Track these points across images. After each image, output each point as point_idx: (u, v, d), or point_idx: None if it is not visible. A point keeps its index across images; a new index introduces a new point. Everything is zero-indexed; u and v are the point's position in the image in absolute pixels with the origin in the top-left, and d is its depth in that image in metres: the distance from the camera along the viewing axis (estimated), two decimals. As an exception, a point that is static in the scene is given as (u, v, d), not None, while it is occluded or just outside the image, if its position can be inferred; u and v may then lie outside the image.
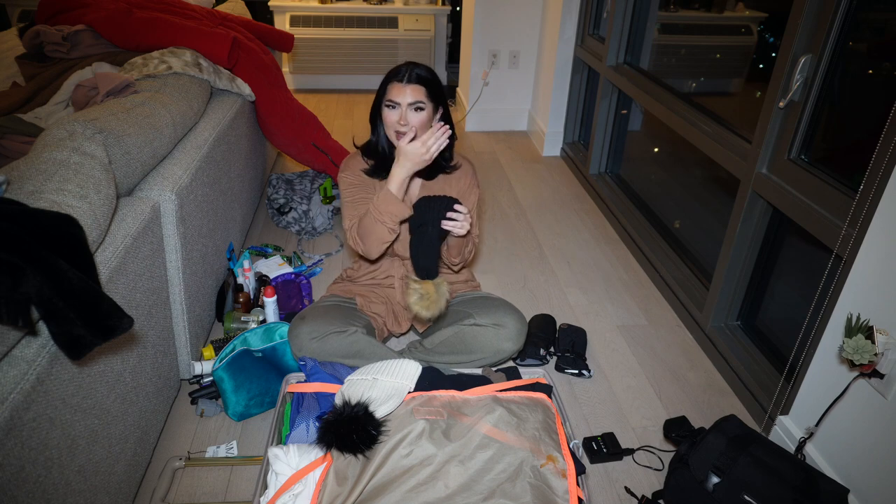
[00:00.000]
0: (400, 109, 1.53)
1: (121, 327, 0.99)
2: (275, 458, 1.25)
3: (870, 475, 1.31)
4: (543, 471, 1.21)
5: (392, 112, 1.55)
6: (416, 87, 1.53)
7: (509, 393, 1.41)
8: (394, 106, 1.54)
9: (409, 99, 1.52)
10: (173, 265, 1.53)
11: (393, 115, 1.55)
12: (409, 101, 1.52)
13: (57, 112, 1.89)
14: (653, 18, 2.74)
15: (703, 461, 1.34)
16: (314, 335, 1.57)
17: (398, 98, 1.53)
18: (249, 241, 2.48)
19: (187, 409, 1.66)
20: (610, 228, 2.75)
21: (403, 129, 1.54)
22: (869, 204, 1.28)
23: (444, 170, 1.71)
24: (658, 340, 2.04)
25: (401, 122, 1.54)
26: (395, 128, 1.55)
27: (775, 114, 1.63)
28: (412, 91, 1.52)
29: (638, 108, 2.94)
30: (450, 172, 1.72)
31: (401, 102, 1.53)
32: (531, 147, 3.68)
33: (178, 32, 2.09)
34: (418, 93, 1.53)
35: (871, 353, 1.20)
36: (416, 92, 1.53)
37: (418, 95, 1.53)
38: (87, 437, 1.10)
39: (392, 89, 1.54)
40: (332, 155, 2.63)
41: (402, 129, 1.54)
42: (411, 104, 1.53)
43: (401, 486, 1.16)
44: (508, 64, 3.69)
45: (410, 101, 1.52)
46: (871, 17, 1.50)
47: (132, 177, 1.42)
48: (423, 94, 1.54)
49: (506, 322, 1.65)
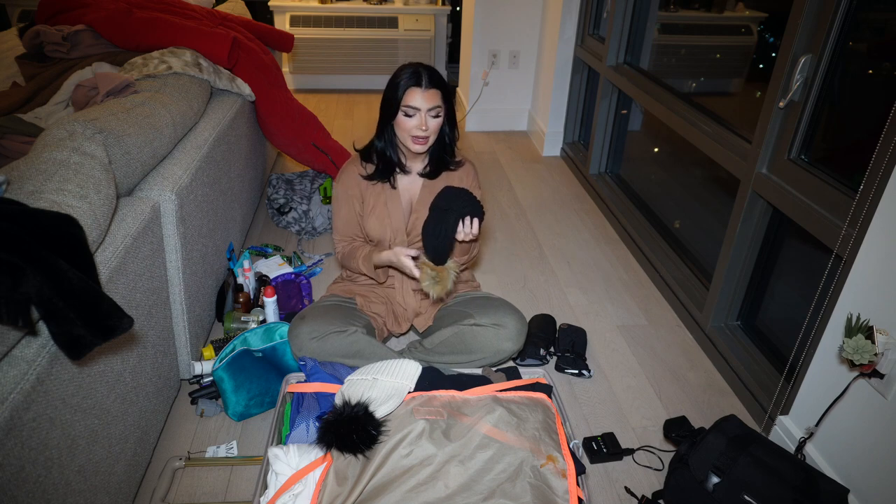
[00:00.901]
0: (420, 115, 1.51)
1: (121, 327, 0.99)
2: (275, 458, 1.25)
3: (870, 475, 1.31)
4: (543, 471, 1.21)
5: (411, 119, 1.52)
6: (434, 92, 1.51)
7: (509, 393, 1.41)
8: (414, 112, 1.51)
9: (428, 105, 1.50)
10: (173, 265, 1.53)
11: (412, 122, 1.52)
12: (429, 106, 1.50)
13: (57, 112, 1.89)
14: (653, 18, 2.74)
15: (703, 461, 1.34)
16: (314, 335, 1.57)
17: (419, 104, 1.50)
18: (249, 241, 2.48)
19: (187, 409, 1.66)
20: (610, 228, 2.75)
21: (424, 135, 1.53)
22: (869, 204, 1.28)
23: (447, 167, 1.70)
24: (658, 340, 2.04)
25: (422, 128, 1.51)
26: (413, 133, 1.53)
27: (775, 114, 1.63)
28: (432, 96, 1.50)
29: (638, 108, 2.94)
30: (454, 169, 1.71)
31: (421, 108, 1.50)
32: (531, 147, 3.68)
33: (178, 32, 2.09)
34: (436, 97, 1.51)
35: (871, 353, 1.20)
36: (435, 97, 1.51)
37: (437, 100, 1.51)
38: (87, 437, 1.10)
39: (412, 95, 1.50)
40: (332, 155, 2.63)
41: (422, 134, 1.53)
42: (430, 109, 1.51)
43: (401, 486, 1.16)
44: (508, 64, 3.69)
45: (430, 107, 1.51)
46: (871, 17, 1.50)
47: (132, 177, 1.42)
48: (440, 99, 1.52)
49: (506, 322, 1.65)
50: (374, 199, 1.68)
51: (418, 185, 1.71)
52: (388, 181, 1.68)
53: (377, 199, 1.68)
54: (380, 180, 1.67)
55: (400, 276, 1.78)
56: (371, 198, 1.68)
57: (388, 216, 1.68)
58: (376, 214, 1.68)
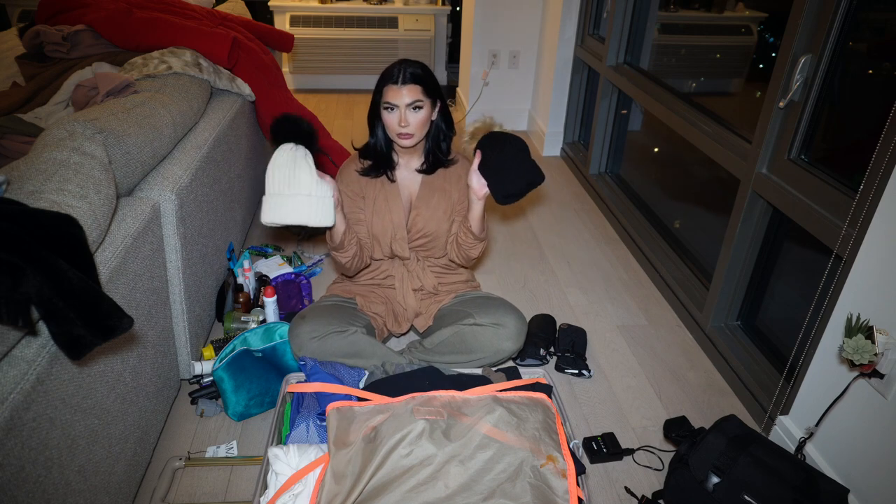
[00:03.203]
0: (399, 111, 1.53)
1: (121, 327, 0.99)
2: (275, 458, 1.25)
3: (870, 475, 1.31)
4: (543, 471, 1.21)
5: (391, 114, 1.54)
6: (412, 87, 1.52)
7: (509, 393, 1.41)
8: (392, 108, 1.53)
9: (406, 100, 1.51)
10: (173, 265, 1.53)
11: (392, 118, 1.54)
12: (407, 101, 1.52)
13: (57, 112, 1.89)
14: (653, 18, 2.74)
15: (703, 461, 1.34)
16: (314, 335, 1.57)
17: (395, 100, 1.52)
18: (249, 241, 2.48)
19: (187, 409, 1.66)
20: (610, 228, 2.75)
21: (405, 130, 1.54)
22: (869, 204, 1.28)
23: (443, 164, 1.71)
24: (658, 340, 2.04)
25: (401, 124, 1.53)
26: (396, 130, 1.55)
27: (775, 114, 1.63)
28: (409, 91, 1.51)
29: (638, 108, 2.94)
30: (448, 167, 1.72)
31: (398, 104, 1.52)
32: (531, 147, 3.68)
33: (178, 32, 2.09)
34: (415, 92, 1.52)
35: (871, 353, 1.20)
36: (413, 91, 1.52)
37: (415, 95, 1.52)
38: (87, 437, 1.10)
39: (388, 92, 1.53)
40: (332, 155, 2.63)
41: (403, 130, 1.54)
42: (409, 104, 1.52)
43: (401, 485, 1.16)
44: (508, 64, 3.69)
45: (408, 102, 1.52)
46: (871, 17, 1.50)
47: (132, 177, 1.42)
48: (420, 93, 1.53)
49: (506, 322, 1.65)
50: (374, 195, 1.69)
51: (417, 181, 1.71)
52: (385, 175, 1.68)
53: (377, 195, 1.69)
54: (375, 175, 1.68)
55: (400, 276, 1.78)
56: (371, 194, 1.69)
57: (388, 212, 1.69)
58: (377, 210, 1.69)
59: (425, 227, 1.70)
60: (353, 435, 1.27)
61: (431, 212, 1.70)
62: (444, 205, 1.71)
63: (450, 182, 1.72)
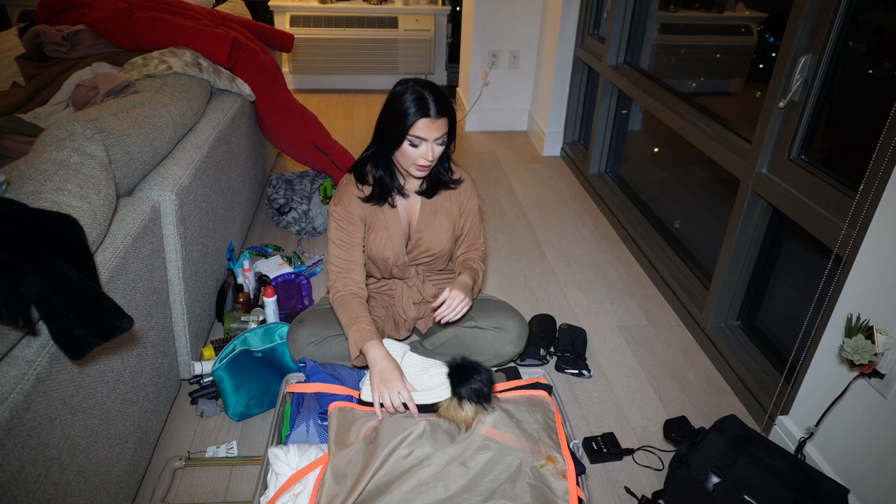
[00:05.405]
0: (427, 144, 1.43)
1: (121, 327, 0.99)
2: (275, 458, 1.25)
3: (870, 475, 1.31)
4: (543, 471, 1.21)
5: (416, 149, 1.44)
6: (444, 122, 1.42)
7: (509, 393, 1.41)
8: (419, 143, 1.44)
9: (436, 134, 1.42)
10: (173, 265, 1.53)
11: (417, 151, 1.44)
12: (437, 136, 1.43)
13: (57, 112, 1.89)
14: (653, 18, 2.74)
15: (703, 461, 1.34)
16: (313, 339, 1.57)
17: (428, 134, 1.41)
18: (249, 241, 2.48)
19: (187, 409, 1.66)
20: (610, 228, 2.75)
21: (429, 164, 1.46)
22: (869, 204, 1.28)
23: (446, 185, 1.62)
24: (658, 340, 2.04)
25: (428, 158, 1.44)
26: (419, 162, 1.45)
27: (775, 114, 1.63)
28: (441, 125, 1.41)
29: (638, 108, 2.94)
30: (454, 188, 1.64)
31: (428, 139, 1.41)
32: (531, 147, 3.68)
33: (178, 32, 2.09)
34: (445, 125, 1.43)
35: (871, 353, 1.20)
36: (444, 125, 1.43)
37: (445, 128, 1.43)
38: (87, 437, 1.10)
39: (422, 126, 1.40)
40: (332, 155, 2.63)
41: (427, 163, 1.46)
42: (437, 139, 1.43)
43: (401, 486, 1.16)
44: (508, 64, 3.69)
45: (437, 137, 1.43)
46: (871, 17, 1.50)
47: (132, 177, 1.42)
48: (447, 125, 1.44)
49: (507, 326, 1.65)
50: (373, 220, 1.61)
51: (417, 204, 1.63)
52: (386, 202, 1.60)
53: (377, 221, 1.61)
54: (378, 203, 1.59)
55: (400, 290, 1.75)
56: (371, 219, 1.61)
57: (388, 238, 1.62)
58: (377, 236, 1.62)
59: (429, 248, 1.65)
60: (353, 435, 1.27)
61: (434, 233, 1.64)
62: (446, 224, 1.64)
63: (451, 201, 1.65)
